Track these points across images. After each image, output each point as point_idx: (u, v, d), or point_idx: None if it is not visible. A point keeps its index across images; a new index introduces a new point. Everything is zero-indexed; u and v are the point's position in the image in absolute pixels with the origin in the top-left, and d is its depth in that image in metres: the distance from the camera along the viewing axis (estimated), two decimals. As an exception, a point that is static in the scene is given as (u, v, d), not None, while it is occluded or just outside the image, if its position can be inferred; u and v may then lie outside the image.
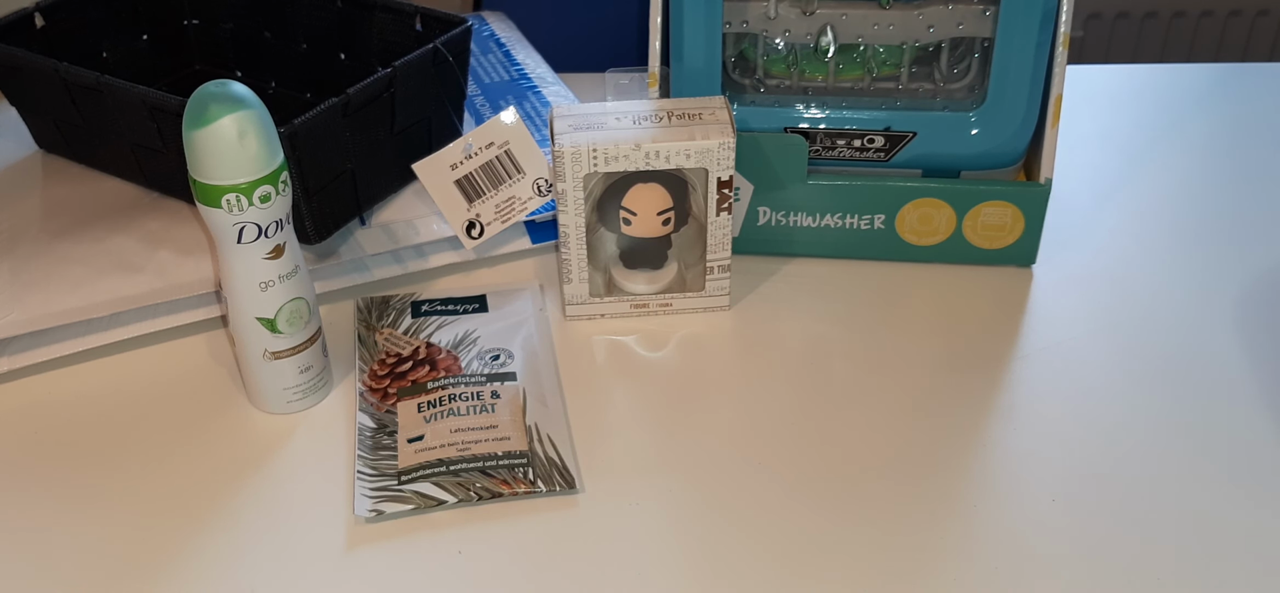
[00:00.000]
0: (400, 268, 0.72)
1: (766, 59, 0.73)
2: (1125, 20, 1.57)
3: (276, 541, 0.55)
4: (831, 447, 0.60)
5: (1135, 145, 0.87)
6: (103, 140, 0.73)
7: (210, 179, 0.54)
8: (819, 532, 0.55)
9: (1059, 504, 0.56)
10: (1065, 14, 0.66)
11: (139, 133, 0.70)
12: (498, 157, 0.66)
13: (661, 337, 0.68)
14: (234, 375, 0.65)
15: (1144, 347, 0.67)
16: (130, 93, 0.67)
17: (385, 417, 0.61)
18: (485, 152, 0.65)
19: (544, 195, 0.67)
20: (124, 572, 0.54)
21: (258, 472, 0.59)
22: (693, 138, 0.63)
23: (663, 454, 0.60)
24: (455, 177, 0.66)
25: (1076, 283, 0.72)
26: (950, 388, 0.64)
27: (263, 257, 0.57)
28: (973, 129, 0.70)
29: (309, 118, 0.64)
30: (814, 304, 0.71)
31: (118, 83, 0.67)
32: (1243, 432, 0.61)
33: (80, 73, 0.69)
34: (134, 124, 0.69)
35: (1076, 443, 0.60)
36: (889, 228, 0.72)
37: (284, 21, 0.82)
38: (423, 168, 0.65)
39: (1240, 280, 0.72)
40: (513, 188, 0.66)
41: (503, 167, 0.66)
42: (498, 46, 0.94)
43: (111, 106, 0.69)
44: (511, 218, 0.67)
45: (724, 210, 0.66)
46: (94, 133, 0.73)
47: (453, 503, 0.56)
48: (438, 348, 0.65)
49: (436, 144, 0.68)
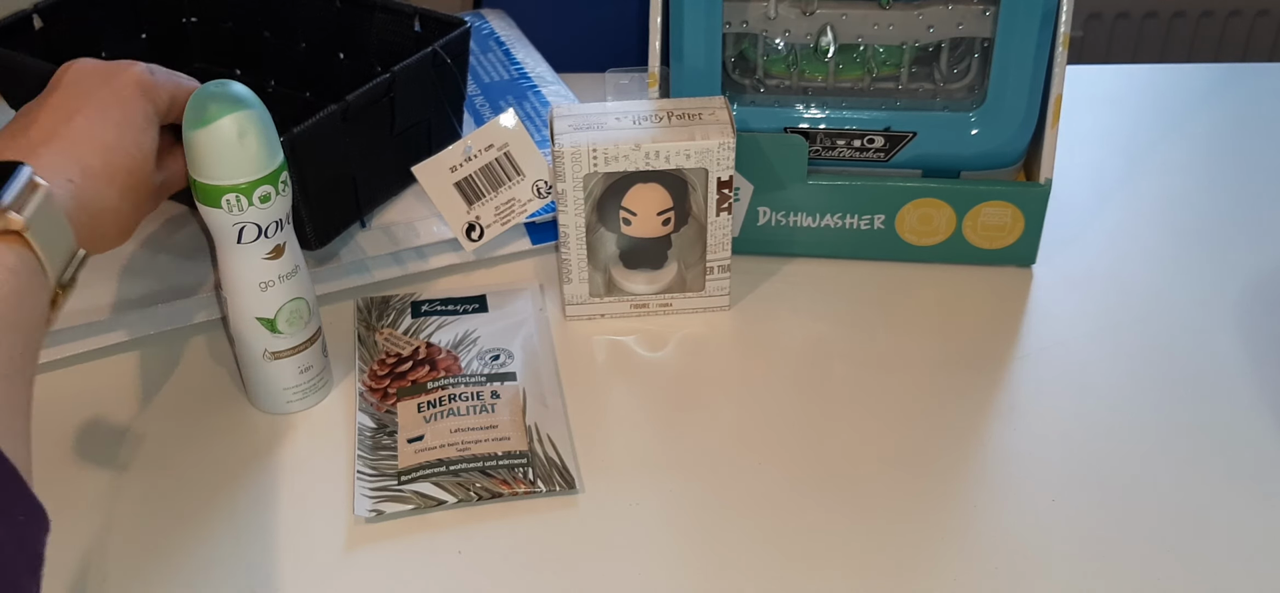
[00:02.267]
0: (400, 269, 0.72)
1: (766, 59, 0.73)
2: (1125, 20, 1.57)
3: (276, 541, 0.55)
4: (831, 447, 0.60)
5: (1135, 145, 0.87)
6: None
7: (210, 179, 0.54)
8: (819, 531, 0.55)
9: (1059, 504, 0.56)
10: (1065, 14, 0.66)
11: None
12: (497, 159, 0.66)
13: (661, 337, 0.68)
14: (234, 375, 0.65)
15: (1144, 347, 0.67)
16: None
17: (385, 417, 0.61)
18: (485, 154, 0.65)
19: (544, 197, 0.67)
20: (124, 572, 0.54)
21: (257, 472, 0.59)
22: (693, 138, 0.63)
23: (663, 454, 0.60)
24: (455, 179, 0.65)
25: (1076, 283, 0.72)
26: (950, 388, 0.64)
27: (263, 257, 0.57)
28: (973, 129, 0.69)
29: (308, 126, 0.64)
30: (814, 304, 0.71)
31: None
32: (1243, 432, 0.61)
33: None
34: None
35: (1076, 443, 0.60)
36: (889, 228, 0.72)
37: (283, 21, 0.82)
38: (423, 171, 0.65)
39: (1240, 280, 0.72)
40: (512, 190, 0.66)
41: (502, 169, 0.66)
42: (498, 45, 0.94)
43: None
44: (511, 220, 0.67)
45: (724, 210, 0.66)
46: None
47: (453, 503, 0.56)
48: (438, 348, 0.65)
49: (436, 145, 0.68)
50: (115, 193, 0.52)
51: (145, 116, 0.55)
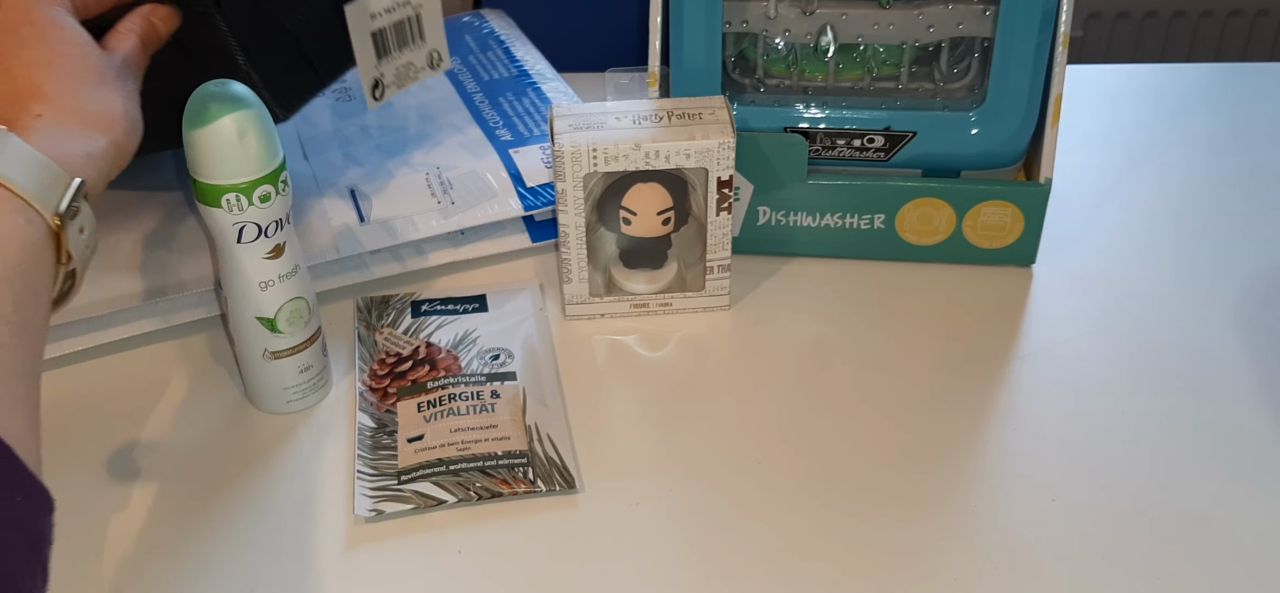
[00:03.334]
0: (399, 266, 0.72)
1: (766, 59, 0.73)
2: (1125, 20, 1.57)
3: (276, 541, 0.55)
4: (831, 446, 0.60)
5: (1135, 145, 0.87)
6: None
7: (210, 179, 0.54)
8: (819, 531, 0.55)
9: (1059, 504, 0.56)
10: (1065, 14, 0.66)
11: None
12: (409, 18, 0.64)
13: (661, 336, 0.68)
14: (234, 375, 0.65)
15: (1144, 347, 0.67)
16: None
17: (385, 416, 0.61)
18: (401, 9, 0.64)
19: (435, 69, 0.66)
20: (123, 572, 0.54)
21: (257, 472, 0.59)
22: (693, 138, 0.63)
23: (663, 454, 0.60)
24: (373, 28, 0.64)
25: (1076, 283, 0.72)
26: (950, 388, 0.64)
27: (263, 256, 0.57)
28: (973, 129, 0.70)
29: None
30: (814, 304, 0.71)
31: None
32: (1243, 432, 0.61)
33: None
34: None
35: (1076, 443, 0.60)
36: (889, 228, 0.72)
37: None
38: (351, 11, 0.63)
39: (1240, 280, 0.72)
40: (411, 54, 0.64)
41: (410, 28, 0.64)
42: (497, 44, 0.94)
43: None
44: (406, 83, 0.65)
45: (724, 210, 0.66)
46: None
47: (453, 503, 0.56)
48: (438, 348, 0.65)
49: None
50: (82, 95, 0.50)
51: (57, 15, 0.52)
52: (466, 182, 0.75)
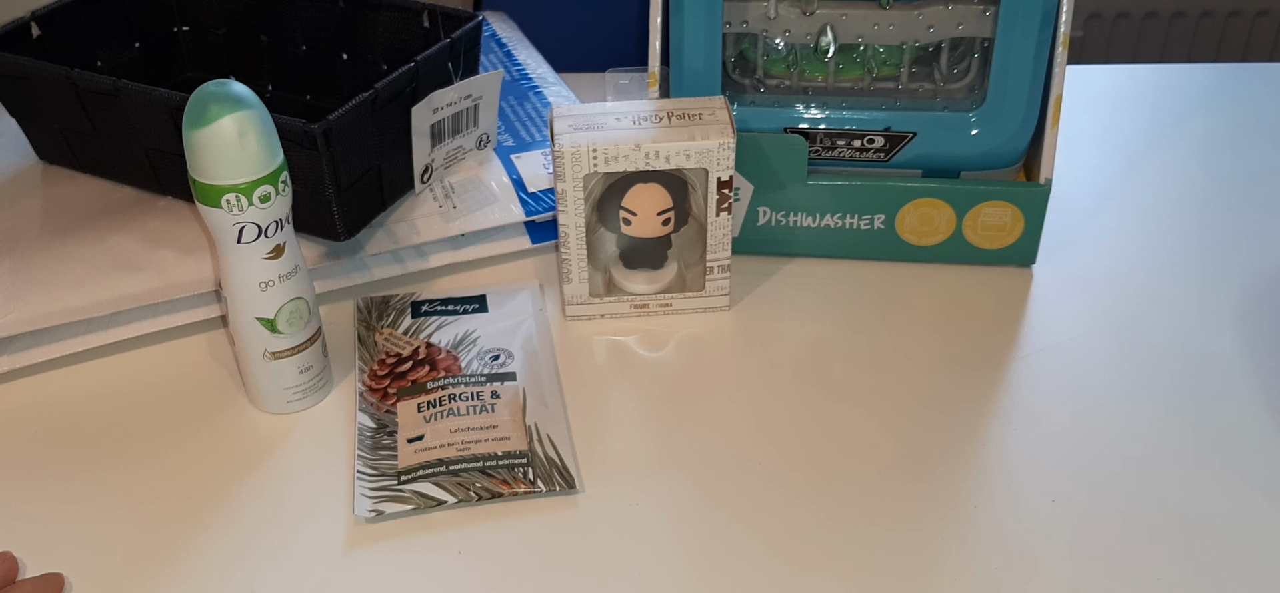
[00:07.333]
0: (400, 268, 0.72)
1: (766, 59, 0.73)
2: (1125, 20, 1.57)
3: (276, 541, 0.55)
4: (831, 447, 0.60)
5: (1135, 145, 0.87)
6: (114, 147, 0.73)
7: (210, 179, 0.54)
8: (819, 532, 0.55)
9: (1059, 504, 0.56)
10: (1065, 14, 0.66)
11: (156, 136, 0.69)
12: (466, 108, 0.65)
13: (661, 337, 0.68)
14: (234, 375, 0.65)
15: (1144, 347, 0.67)
16: (150, 96, 0.67)
17: (385, 417, 0.61)
18: (462, 102, 0.65)
19: (482, 148, 0.67)
20: (123, 571, 0.54)
21: (257, 472, 0.59)
22: (693, 138, 0.63)
23: (663, 454, 0.60)
24: (433, 120, 0.65)
25: (1076, 283, 0.72)
26: (950, 388, 0.64)
27: (263, 257, 0.57)
28: (973, 129, 0.70)
29: (341, 114, 0.64)
30: (814, 304, 0.71)
31: (136, 86, 0.67)
32: (1243, 432, 0.61)
33: (95, 79, 0.68)
34: (151, 127, 0.69)
35: (1076, 443, 0.60)
36: (889, 228, 0.72)
37: (281, 24, 0.82)
38: (418, 110, 0.65)
39: (1240, 280, 0.72)
40: (463, 139, 0.65)
41: (467, 117, 0.65)
42: (499, 46, 0.94)
43: (128, 111, 0.69)
44: (452, 165, 0.67)
45: (724, 210, 0.66)
46: (106, 140, 0.73)
47: (453, 503, 0.56)
48: (438, 348, 0.65)
49: None
50: None
51: None
52: (468, 187, 0.75)
